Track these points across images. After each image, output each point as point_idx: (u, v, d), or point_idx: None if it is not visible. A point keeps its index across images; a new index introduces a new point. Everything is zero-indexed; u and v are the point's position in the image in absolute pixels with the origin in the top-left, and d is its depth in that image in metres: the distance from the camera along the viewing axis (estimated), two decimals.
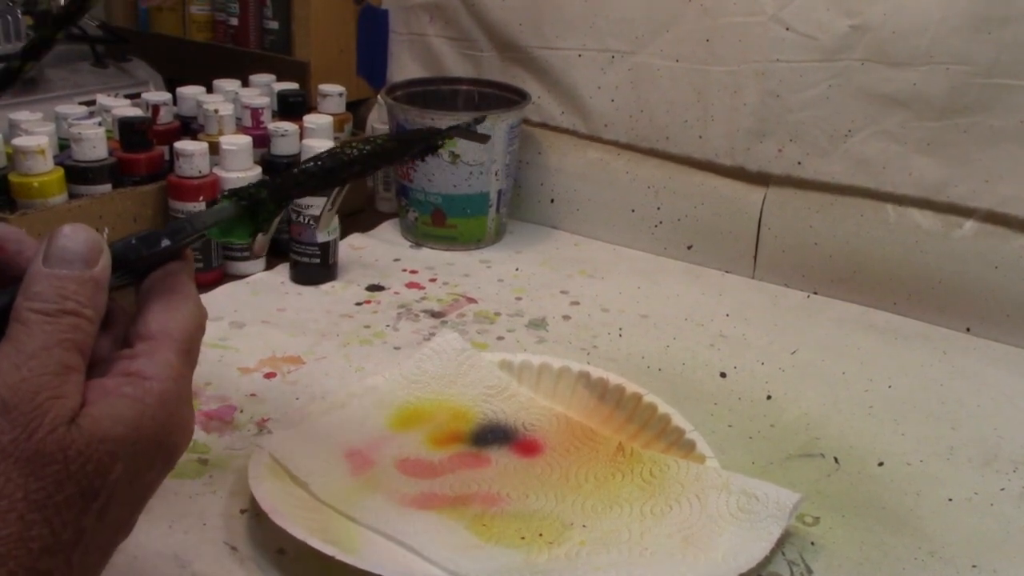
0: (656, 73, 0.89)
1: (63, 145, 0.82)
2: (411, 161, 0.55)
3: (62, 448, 0.31)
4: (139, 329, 0.36)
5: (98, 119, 0.86)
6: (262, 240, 0.50)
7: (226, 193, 0.44)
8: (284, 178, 0.46)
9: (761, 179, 0.87)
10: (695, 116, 0.88)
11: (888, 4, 0.77)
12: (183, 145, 0.79)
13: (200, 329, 0.38)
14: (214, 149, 0.81)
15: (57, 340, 0.32)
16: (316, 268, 0.83)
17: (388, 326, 0.77)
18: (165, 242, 0.39)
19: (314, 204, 0.80)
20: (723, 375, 0.72)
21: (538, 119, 0.96)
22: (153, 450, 0.34)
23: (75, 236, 0.34)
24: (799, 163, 0.84)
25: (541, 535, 0.52)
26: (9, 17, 0.94)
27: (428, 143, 0.55)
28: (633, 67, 0.90)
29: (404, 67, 1.03)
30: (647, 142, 0.91)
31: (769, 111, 0.84)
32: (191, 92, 0.95)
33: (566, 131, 0.96)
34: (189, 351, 0.37)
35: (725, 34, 0.84)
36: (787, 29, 0.81)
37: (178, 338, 0.36)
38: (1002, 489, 0.61)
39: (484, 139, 0.59)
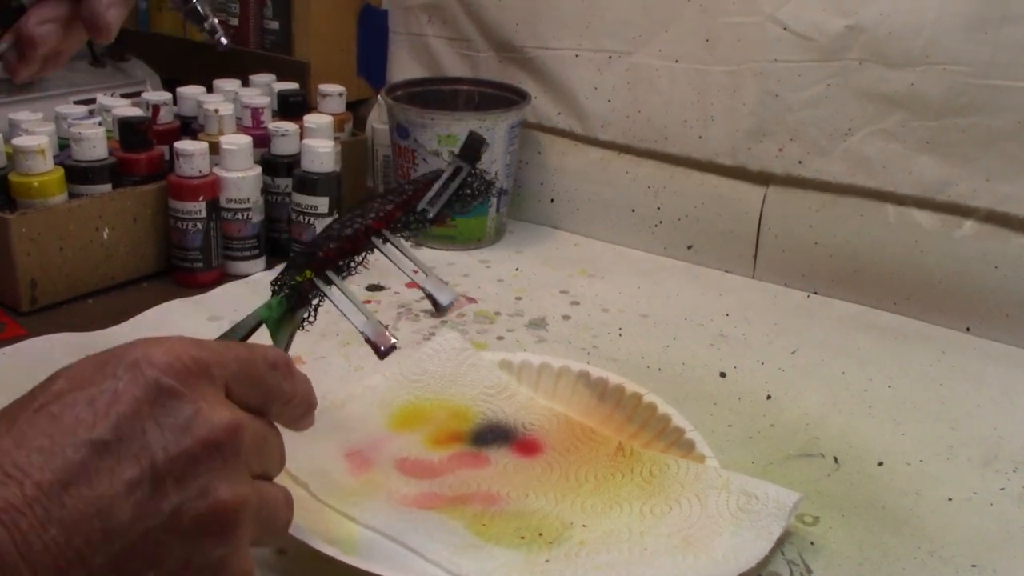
0: (654, 73, 0.89)
1: (63, 145, 0.82)
2: (450, 214, 0.54)
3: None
4: None
5: (98, 119, 0.86)
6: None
7: (275, 288, 0.50)
8: (305, 251, 0.51)
9: (761, 178, 0.87)
10: (695, 116, 0.88)
11: (883, 4, 0.77)
12: (183, 145, 0.79)
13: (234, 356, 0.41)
14: (214, 149, 0.81)
15: None
16: None
17: (388, 326, 0.76)
18: None
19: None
20: (723, 375, 0.72)
21: (535, 120, 0.96)
22: (101, 358, 0.37)
23: None
24: (800, 162, 0.84)
25: (541, 535, 0.52)
26: None
27: (463, 180, 0.54)
28: (630, 67, 0.90)
29: (404, 67, 1.03)
30: (645, 143, 0.91)
31: (768, 111, 0.84)
32: (191, 92, 0.95)
33: (563, 132, 0.96)
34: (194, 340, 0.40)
35: (723, 34, 0.84)
36: (784, 29, 0.81)
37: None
38: (1002, 489, 0.61)
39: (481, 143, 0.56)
